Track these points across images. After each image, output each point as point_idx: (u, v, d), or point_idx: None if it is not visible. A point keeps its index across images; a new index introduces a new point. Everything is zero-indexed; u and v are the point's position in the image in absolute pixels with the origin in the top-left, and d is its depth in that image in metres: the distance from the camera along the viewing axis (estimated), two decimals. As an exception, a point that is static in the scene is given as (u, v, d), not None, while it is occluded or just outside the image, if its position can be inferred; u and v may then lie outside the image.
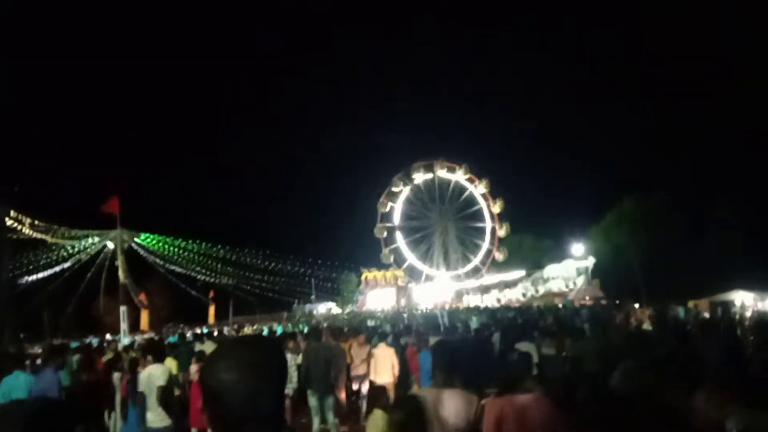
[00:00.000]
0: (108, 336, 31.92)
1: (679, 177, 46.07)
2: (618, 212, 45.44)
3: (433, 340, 9.87)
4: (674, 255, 36.80)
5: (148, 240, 36.55)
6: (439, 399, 3.42)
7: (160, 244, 37.78)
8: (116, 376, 8.49)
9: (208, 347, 10.83)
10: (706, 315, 18.32)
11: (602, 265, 41.48)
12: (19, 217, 25.32)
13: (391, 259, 54.68)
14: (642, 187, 44.71)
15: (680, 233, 39.57)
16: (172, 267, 40.27)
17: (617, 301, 25.86)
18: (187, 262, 40.29)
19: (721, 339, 9.65)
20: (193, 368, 9.26)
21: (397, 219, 55.55)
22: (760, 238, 35.76)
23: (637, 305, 21.49)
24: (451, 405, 3.38)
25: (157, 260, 39.27)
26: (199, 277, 41.34)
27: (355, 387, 10.10)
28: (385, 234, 55.00)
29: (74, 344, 20.52)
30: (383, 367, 9.35)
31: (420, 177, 56.33)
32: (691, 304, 21.10)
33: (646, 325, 15.84)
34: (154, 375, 6.58)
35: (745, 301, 23.80)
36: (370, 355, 9.99)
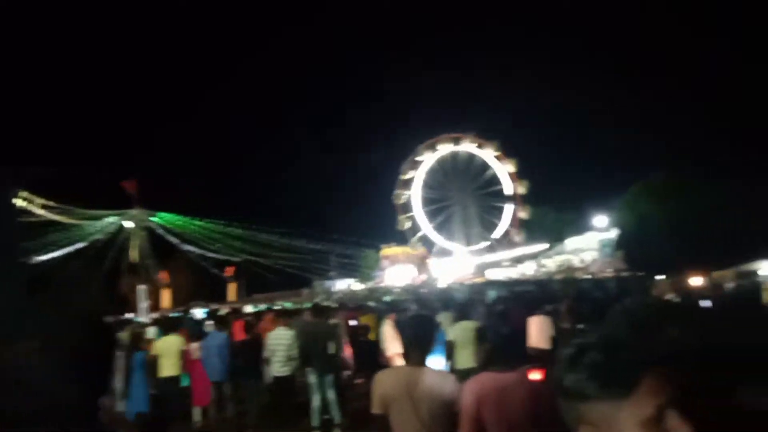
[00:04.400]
0: (129, 315, 32.40)
1: (706, 151, 44.77)
2: (645, 183, 44.31)
3: (444, 316, 9.57)
4: (700, 227, 35.90)
5: (166, 219, 36.72)
6: (413, 378, 3.07)
7: (178, 223, 37.93)
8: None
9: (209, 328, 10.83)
10: (731, 285, 17.70)
11: (626, 237, 40.60)
12: (31, 198, 25.49)
13: (406, 226, 54.29)
14: (669, 160, 43.59)
15: (707, 206, 38.54)
16: (190, 246, 40.47)
17: (639, 273, 25.27)
18: (204, 241, 40.47)
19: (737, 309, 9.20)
20: (194, 345, 9.16)
21: (417, 187, 55.05)
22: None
23: (663, 276, 20.86)
24: (426, 385, 3.04)
25: (176, 240, 39.51)
26: (212, 255, 41.44)
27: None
28: (404, 200, 54.61)
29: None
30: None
31: (446, 148, 55.62)
32: (716, 275, 20.47)
33: (669, 296, 15.41)
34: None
35: (771, 269, 23.16)
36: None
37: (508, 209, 54.91)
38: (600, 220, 43.13)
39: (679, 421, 1.03)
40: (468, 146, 55.45)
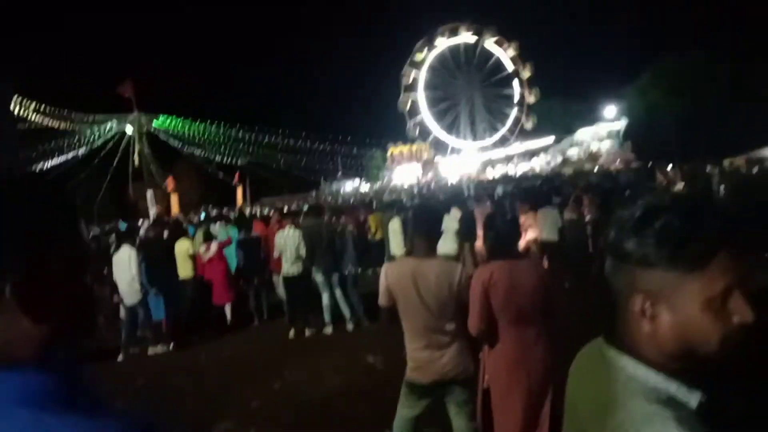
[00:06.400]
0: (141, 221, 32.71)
1: (718, 33, 42.33)
2: (656, 71, 42.64)
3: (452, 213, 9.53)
4: (712, 113, 34.83)
5: (167, 123, 36.05)
6: (419, 269, 2.99)
7: (179, 126, 37.25)
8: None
9: (219, 229, 10.86)
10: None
11: (635, 127, 39.83)
12: (24, 101, 24.81)
13: (417, 132, 53.38)
14: (677, 44, 41.58)
15: (719, 91, 37.16)
16: (195, 149, 40.00)
17: (649, 164, 25.04)
18: (207, 144, 40.03)
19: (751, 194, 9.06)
20: (202, 248, 9.24)
21: (420, 89, 53.40)
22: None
23: (670, 166, 20.58)
24: (432, 275, 2.94)
25: (178, 143, 38.98)
26: (216, 158, 41.04)
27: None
28: (409, 106, 53.26)
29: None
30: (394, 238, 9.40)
31: (444, 42, 53.45)
32: (726, 161, 20.15)
33: (679, 185, 15.26)
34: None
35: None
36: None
37: (516, 94, 53.38)
38: (609, 110, 42.24)
39: (744, 304, 0.91)
40: (466, 35, 53.18)
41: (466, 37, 53.18)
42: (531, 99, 52.57)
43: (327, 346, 7.31)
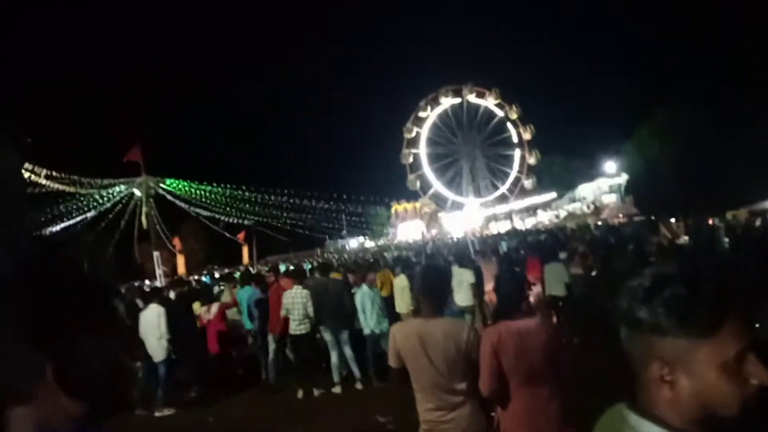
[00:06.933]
0: (147, 282, 32.83)
1: (712, 85, 43.37)
2: (650, 125, 43.32)
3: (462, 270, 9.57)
4: (711, 165, 35.14)
5: (174, 185, 36.64)
6: (426, 330, 3.01)
7: (187, 189, 37.82)
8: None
9: (224, 291, 10.93)
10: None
11: (636, 181, 40.19)
12: (35, 169, 25.41)
13: (417, 185, 54.07)
14: (674, 98, 42.47)
15: (715, 142, 37.58)
16: (201, 211, 40.41)
17: (652, 217, 25.14)
18: (214, 205, 40.50)
19: (756, 248, 9.11)
20: (202, 309, 9.31)
21: (423, 144, 54.47)
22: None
23: (673, 219, 20.66)
24: (439, 334, 2.99)
25: (185, 205, 39.46)
26: (223, 218, 41.40)
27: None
28: (411, 160, 54.23)
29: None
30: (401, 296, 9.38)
31: (448, 101, 54.86)
32: (729, 214, 20.23)
33: (683, 239, 15.31)
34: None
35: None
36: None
37: (516, 156, 54.48)
38: (610, 165, 42.70)
39: (760, 367, 0.94)
40: (469, 96, 54.69)
41: (469, 97, 54.55)
42: (531, 160, 53.46)
43: (336, 406, 7.24)
